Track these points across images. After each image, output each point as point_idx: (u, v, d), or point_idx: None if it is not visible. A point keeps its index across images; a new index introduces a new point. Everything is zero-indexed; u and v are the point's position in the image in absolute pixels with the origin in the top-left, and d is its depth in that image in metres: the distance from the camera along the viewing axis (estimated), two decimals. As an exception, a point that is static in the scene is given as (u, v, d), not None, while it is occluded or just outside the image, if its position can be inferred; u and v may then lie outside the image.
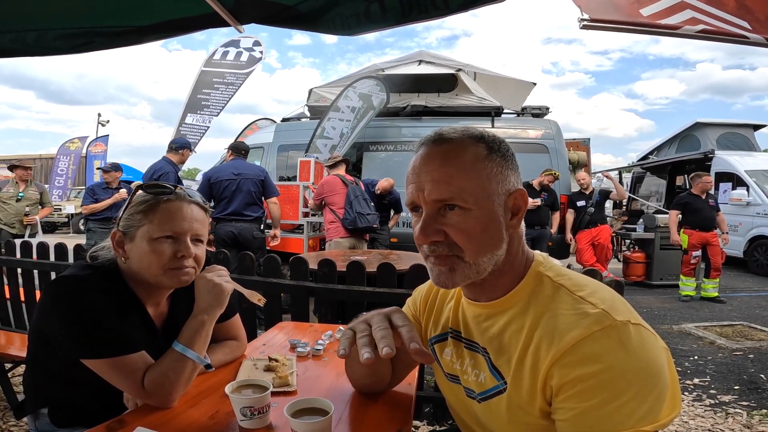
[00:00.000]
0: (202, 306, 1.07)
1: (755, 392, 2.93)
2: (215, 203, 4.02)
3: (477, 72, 7.34)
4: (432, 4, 1.39)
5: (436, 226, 0.74)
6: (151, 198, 1.08)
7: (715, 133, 10.21)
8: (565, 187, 6.06)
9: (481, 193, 0.73)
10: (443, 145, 0.75)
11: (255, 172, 4.14)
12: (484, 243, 0.73)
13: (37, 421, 1.14)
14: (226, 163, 4.22)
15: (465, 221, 0.73)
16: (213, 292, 1.07)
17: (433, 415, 2.40)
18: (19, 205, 5.28)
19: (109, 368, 0.98)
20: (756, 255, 8.02)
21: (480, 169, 0.74)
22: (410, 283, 2.13)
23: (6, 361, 2.36)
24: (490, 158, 0.75)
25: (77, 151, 15.88)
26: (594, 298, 0.70)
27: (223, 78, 7.43)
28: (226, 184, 4.00)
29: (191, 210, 1.10)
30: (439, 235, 0.74)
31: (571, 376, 0.64)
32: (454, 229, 0.73)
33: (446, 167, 0.73)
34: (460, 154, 0.74)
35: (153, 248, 1.05)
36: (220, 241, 3.98)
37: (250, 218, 4.07)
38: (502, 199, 0.75)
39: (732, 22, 1.44)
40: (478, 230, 0.73)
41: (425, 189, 0.74)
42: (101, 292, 1.02)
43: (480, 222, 0.73)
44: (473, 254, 0.73)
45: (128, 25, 1.68)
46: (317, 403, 0.87)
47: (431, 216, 0.74)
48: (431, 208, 0.74)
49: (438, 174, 0.73)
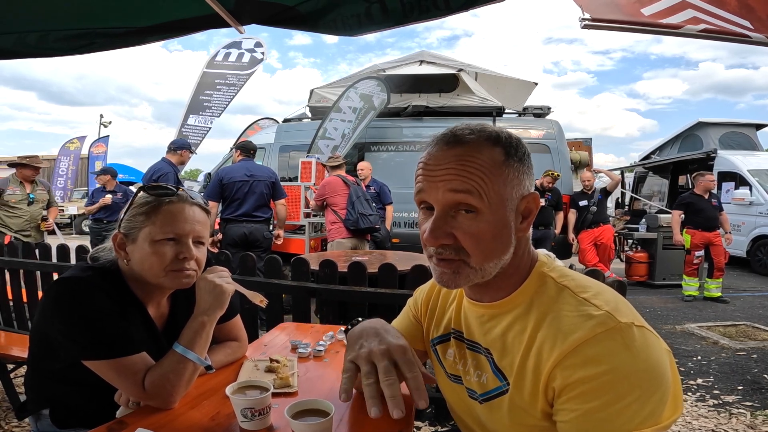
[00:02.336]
0: (202, 307, 1.07)
1: (759, 392, 2.91)
2: (226, 204, 4.03)
3: (478, 72, 7.33)
4: (433, 4, 1.39)
5: (447, 228, 0.72)
6: (153, 200, 1.08)
7: (718, 132, 10.17)
8: (567, 187, 6.05)
9: (496, 198, 0.72)
10: (458, 147, 0.73)
11: (266, 174, 4.21)
12: (493, 249, 0.72)
13: (39, 421, 1.14)
14: (237, 163, 4.22)
15: (476, 225, 0.71)
16: (214, 293, 1.07)
17: (435, 416, 2.39)
18: (32, 209, 4.63)
19: (110, 369, 0.98)
20: (759, 255, 7.99)
21: (497, 174, 0.72)
22: (412, 283, 2.13)
23: (8, 362, 2.36)
24: (508, 163, 0.73)
25: (76, 151, 15.91)
26: (598, 300, 0.69)
27: (225, 79, 7.44)
28: (240, 185, 4.02)
29: (193, 212, 1.10)
30: (449, 239, 0.72)
31: (573, 377, 0.64)
32: (464, 234, 0.72)
33: (463, 170, 0.71)
34: (477, 157, 0.72)
35: (155, 250, 1.04)
36: (231, 242, 3.99)
37: (261, 219, 4.12)
38: (515, 204, 0.74)
39: (734, 21, 1.44)
40: (488, 236, 0.72)
41: (439, 189, 0.72)
42: (102, 293, 1.02)
43: (491, 227, 0.72)
44: (480, 260, 0.72)
45: (129, 26, 1.68)
46: (318, 405, 0.87)
47: (442, 218, 0.72)
48: (443, 209, 0.72)
49: (454, 177, 0.71)
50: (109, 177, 5.73)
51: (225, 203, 4.04)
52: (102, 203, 5.58)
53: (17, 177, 4.64)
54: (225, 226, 4.04)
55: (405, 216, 5.96)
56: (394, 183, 5.42)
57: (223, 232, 4.05)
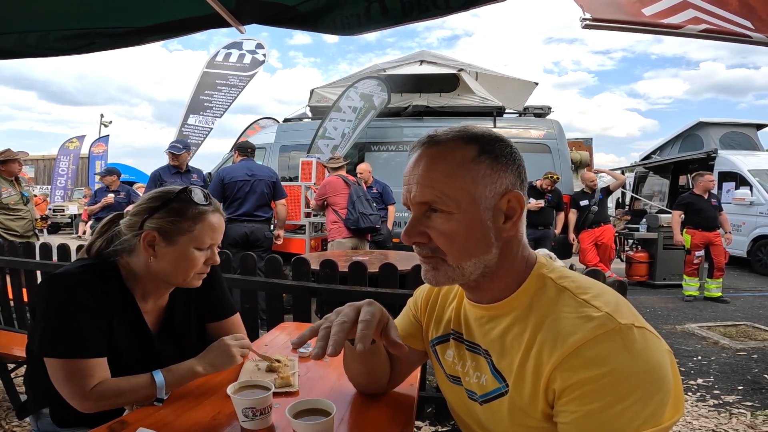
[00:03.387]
0: (206, 360, 1.12)
1: (759, 392, 2.91)
2: (227, 203, 4.04)
3: (479, 72, 7.33)
4: (433, 3, 1.38)
5: (420, 228, 0.75)
6: (202, 209, 1.14)
7: (718, 132, 10.17)
8: (568, 187, 6.05)
9: (464, 196, 0.72)
10: (432, 147, 0.75)
11: (267, 173, 4.24)
12: (468, 247, 0.73)
13: (39, 421, 1.15)
14: (237, 163, 4.23)
15: (447, 225, 0.73)
16: (223, 356, 1.13)
17: (435, 416, 2.39)
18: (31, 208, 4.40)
19: (61, 368, 0.99)
20: (759, 255, 7.99)
21: (465, 172, 0.72)
22: (412, 283, 2.13)
23: (9, 362, 2.36)
24: (478, 160, 0.73)
25: (76, 150, 15.91)
26: (598, 301, 0.69)
27: (226, 80, 7.43)
28: (241, 185, 4.05)
29: (221, 221, 1.20)
30: (422, 237, 0.75)
31: (574, 379, 0.64)
32: (436, 232, 0.74)
33: (431, 170, 0.73)
34: (446, 157, 0.73)
35: (194, 255, 1.11)
36: (232, 242, 3.99)
37: (262, 219, 4.15)
38: (491, 203, 0.73)
39: (735, 21, 1.44)
40: (460, 234, 0.73)
41: (412, 191, 0.75)
42: (86, 290, 1.03)
43: (463, 226, 0.72)
44: (455, 258, 0.74)
45: (129, 25, 1.68)
46: (319, 404, 0.87)
47: (416, 218, 0.75)
48: (417, 210, 0.75)
49: (423, 177, 0.74)
50: (115, 177, 5.86)
51: (226, 203, 4.05)
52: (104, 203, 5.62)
53: (5, 176, 4.21)
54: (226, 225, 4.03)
55: (405, 216, 5.97)
56: (395, 183, 5.43)
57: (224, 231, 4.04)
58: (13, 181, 4.26)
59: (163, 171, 4.25)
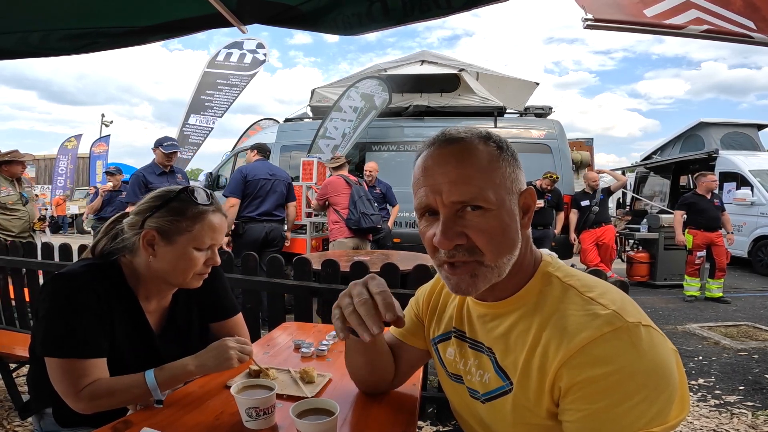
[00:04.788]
0: (201, 359, 1.10)
1: (760, 392, 2.91)
2: (247, 201, 4.02)
3: (479, 72, 7.33)
4: (434, 3, 1.38)
5: (457, 228, 0.70)
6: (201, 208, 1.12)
7: (720, 132, 10.16)
8: (569, 187, 6.05)
9: (500, 192, 0.71)
10: (454, 144, 0.73)
11: (284, 175, 4.30)
12: (504, 244, 0.72)
13: (42, 420, 1.14)
14: (257, 162, 4.22)
15: (487, 222, 0.70)
16: (219, 358, 1.11)
17: (437, 416, 2.39)
18: (29, 208, 4.36)
19: (59, 367, 0.99)
20: (760, 255, 7.99)
21: (496, 167, 0.72)
22: (414, 283, 2.13)
23: (11, 362, 2.37)
24: (503, 157, 0.73)
25: (74, 149, 15.92)
26: (604, 299, 0.69)
27: (227, 79, 7.44)
28: (263, 183, 4.06)
29: (223, 222, 1.17)
30: (461, 238, 0.70)
31: (580, 377, 0.64)
32: (476, 231, 0.70)
33: (464, 167, 0.71)
34: (475, 153, 0.72)
35: (193, 256, 1.10)
36: (252, 241, 3.97)
37: (279, 218, 4.18)
38: (516, 199, 0.74)
39: (737, 21, 1.43)
40: (499, 231, 0.71)
41: (443, 191, 0.70)
42: (90, 290, 1.03)
43: (501, 222, 0.71)
44: (494, 256, 0.71)
45: (131, 25, 1.68)
46: (323, 404, 0.87)
47: (450, 219, 0.71)
48: (450, 210, 0.71)
49: (455, 174, 0.70)
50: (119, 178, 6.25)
51: (245, 201, 4.02)
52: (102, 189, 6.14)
53: (6, 176, 4.23)
54: (245, 225, 4.02)
55: (406, 216, 5.97)
56: (396, 183, 5.43)
57: (244, 231, 4.03)
58: (14, 181, 4.27)
59: (147, 171, 3.92)
